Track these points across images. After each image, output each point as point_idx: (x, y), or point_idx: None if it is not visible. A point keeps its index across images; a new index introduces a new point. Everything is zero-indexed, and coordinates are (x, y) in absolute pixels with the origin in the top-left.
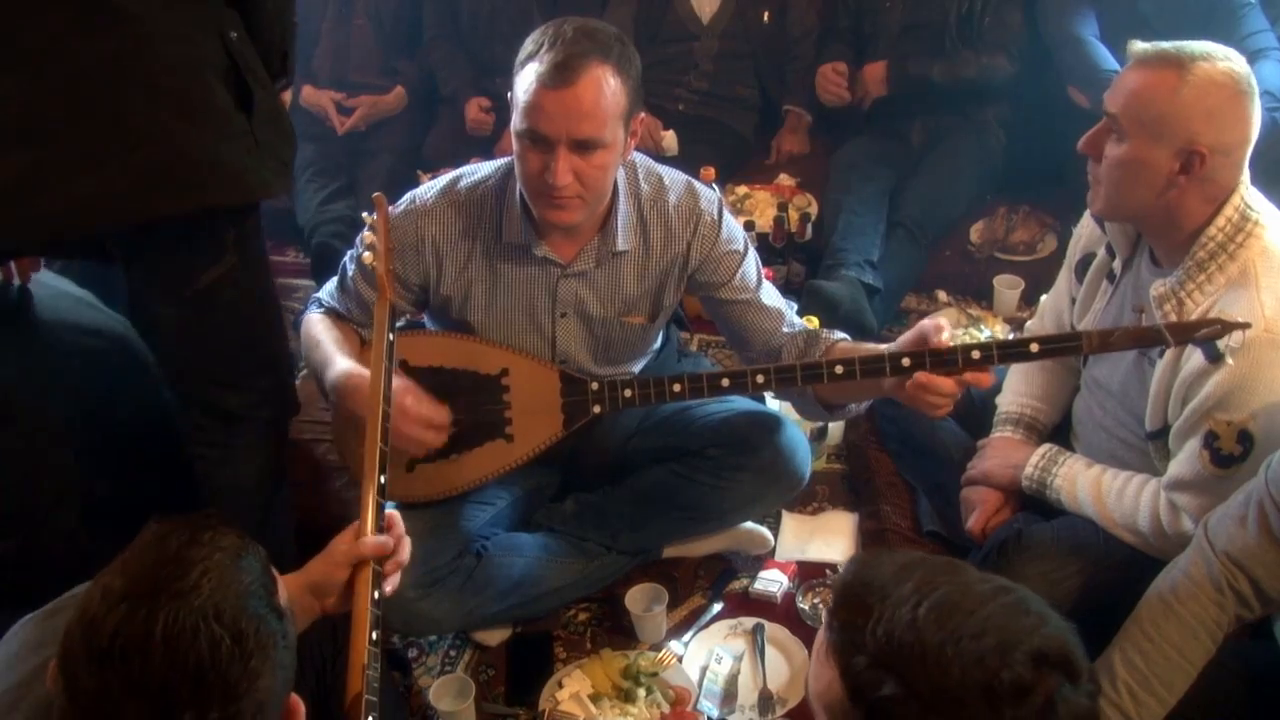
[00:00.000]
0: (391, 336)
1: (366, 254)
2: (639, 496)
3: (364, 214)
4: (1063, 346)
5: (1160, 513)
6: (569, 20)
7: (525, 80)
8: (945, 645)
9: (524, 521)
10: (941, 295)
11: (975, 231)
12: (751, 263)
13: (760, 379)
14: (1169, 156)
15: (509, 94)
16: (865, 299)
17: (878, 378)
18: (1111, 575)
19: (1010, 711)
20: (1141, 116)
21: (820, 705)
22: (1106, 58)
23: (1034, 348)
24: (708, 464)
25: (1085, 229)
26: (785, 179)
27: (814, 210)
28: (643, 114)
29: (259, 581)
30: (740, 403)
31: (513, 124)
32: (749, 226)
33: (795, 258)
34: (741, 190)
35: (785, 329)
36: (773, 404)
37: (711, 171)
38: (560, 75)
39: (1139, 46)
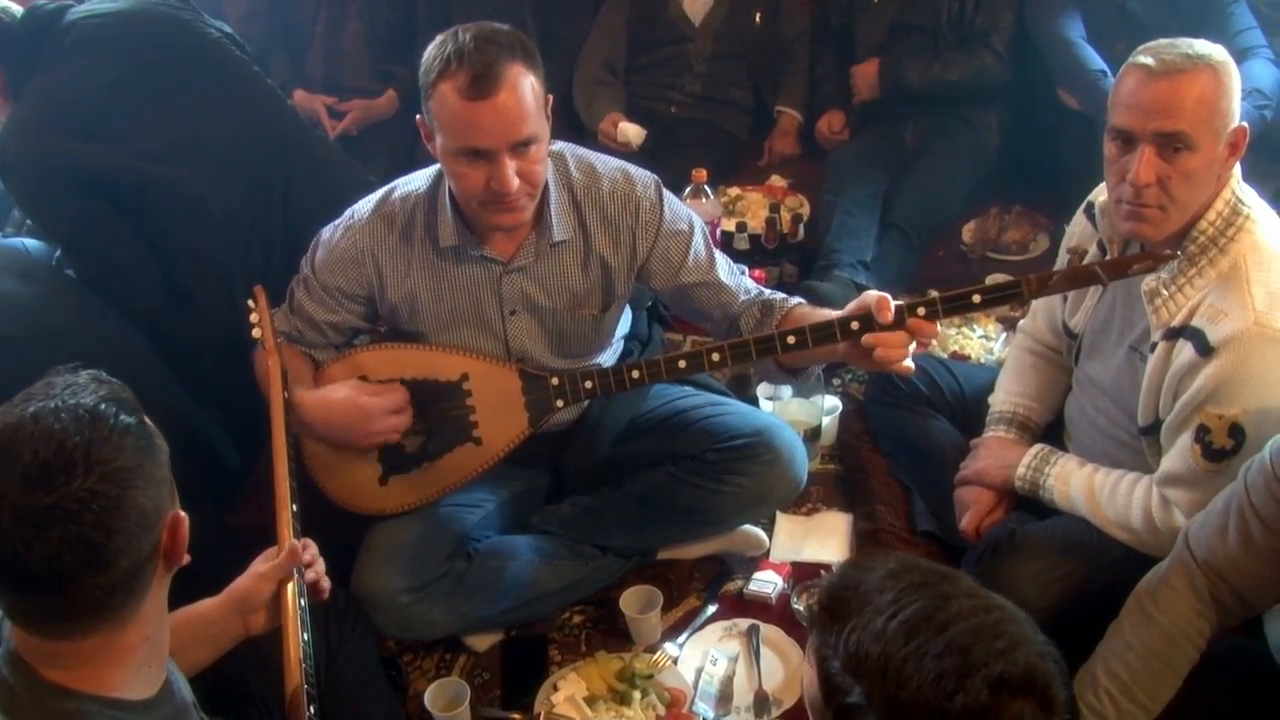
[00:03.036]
0: (286, 394)
1: (255, 331)
2: (636, 499)
3: (249, 301)
4: (1005, 294)
5: (1153, 509)
6: (462, 29)
7: (445, 100)
8: (907, 661)
9: (517, 524)
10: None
11: (968, 231)
12: (701, 238)
13: (716, 357)
14: (1223, 144)
15: (418, 116)
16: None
17: (830, 344)
18: (1105, 574)
19: None
20: (1206, 118)
21: (806, 698)
22: (1094, 58)
23: (976, 298)
24: (706, 468)
25: (1077, 227)
26: (777, 180)
27: (806, 211)
28: (550, 96)
29: (118, 395)
30: (736, 406)
31: (441, 145)
32: (741, 228)
33: (788, 259)
34: (734, 192)
35: (743, 297)
36: (766, 405)
37: (703, 173)
38: (482, 87)
39: (1143, 61)
